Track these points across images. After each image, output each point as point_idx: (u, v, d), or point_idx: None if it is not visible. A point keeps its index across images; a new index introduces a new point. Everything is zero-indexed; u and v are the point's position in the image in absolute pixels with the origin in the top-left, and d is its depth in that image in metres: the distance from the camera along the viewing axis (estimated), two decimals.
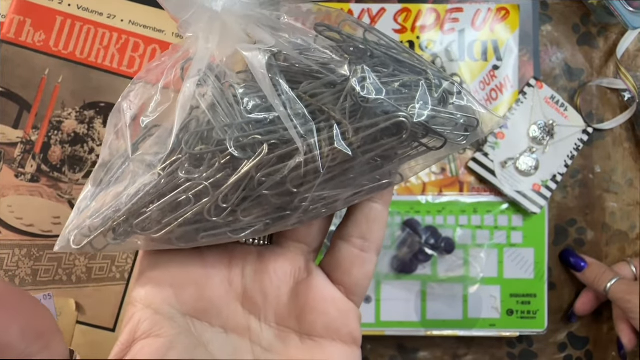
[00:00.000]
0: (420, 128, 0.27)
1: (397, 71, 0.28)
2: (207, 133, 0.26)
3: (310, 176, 0.26)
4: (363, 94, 0.26)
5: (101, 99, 0.51)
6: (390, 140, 0.26)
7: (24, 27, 0.50)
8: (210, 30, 0.28)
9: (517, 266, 0.57)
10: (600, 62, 0.60)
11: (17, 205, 0.49)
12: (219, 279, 0.30)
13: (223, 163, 0.26)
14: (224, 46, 0.27)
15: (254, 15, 0.28)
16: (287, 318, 0.30)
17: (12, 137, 0.50)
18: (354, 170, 0.27)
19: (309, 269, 0.31)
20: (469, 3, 0.58)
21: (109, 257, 0.50)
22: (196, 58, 0.28)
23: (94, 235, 0.27)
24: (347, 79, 0.26)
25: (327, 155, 0.26)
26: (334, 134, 0.26)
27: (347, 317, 0.30)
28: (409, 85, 0.27)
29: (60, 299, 0.49)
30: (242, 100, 0.26)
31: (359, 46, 0.28)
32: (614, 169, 0.60)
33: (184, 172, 0.26)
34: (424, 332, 0.56)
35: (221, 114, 0.26)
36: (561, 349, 0.59)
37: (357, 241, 0.31)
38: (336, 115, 0.26)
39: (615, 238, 0.60)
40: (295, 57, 0.27)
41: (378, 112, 0.26)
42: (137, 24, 0.52)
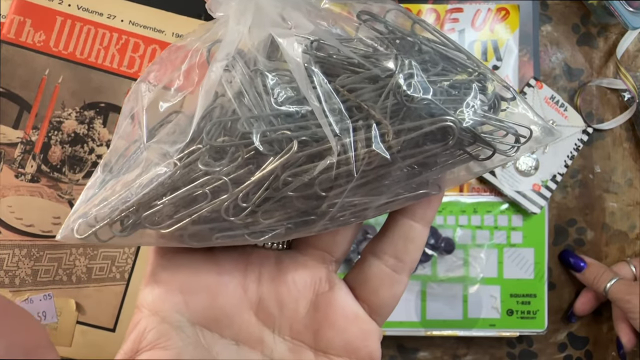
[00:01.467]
0: (468, 135, 0.24)
1: (446, 70, 0.25)
2: (231, 124, 0.24)
3: (341, 179, 0.23)
4: (408, 92, 0.23)
5: (101, 99, 0.51)
6: (434, 146, 0.24)
7: (24, 27, 0.50)
8: (243, 11, 0.25)
9: (517, 266, 0.57)
10: (600, 62, 0.60)
11: (17, 206, 0.49)
12: (233, 285, 0.27)
13: (246, 158, 0.23)
14: (257, 29, 0.25)
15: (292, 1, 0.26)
16: (303, 332, 0.28)
17: (12, 137, 0.50)
18: (389, 177, 0.24)
19: (330, 281, 0.28)
20: (469, 3, 0.58)
21: (109, 257, 0.50)
22: (225, 40, 0.25)
23: (100, 226, 0.24)
24: (392, 74, 0.23)
25: (363, 157, 0.23)
26: (372, 134, 0.23)
27: (368, 338, 0.28)
28: (458, 86, 0.25)
29: (60, 299, 0.49)
30: (272, 91, 0.24)
31: (406, 39, 0.25)
32: (614, 169, 0.60)
33: (203, 164, 0.23)
34: (424, 332, 0.56)
35: (248, 103, 0.24)
36: (561, 349, 0.59)
37: (390, 260, 0.28)
38: (376, 114, 0.23)
39: (615, 238, 0.60)
40: (335, 46, 0.24)
41: (423, 113, 0.23)
42: (137, 24, 0.52)
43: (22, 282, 0.49)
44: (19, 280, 0.49)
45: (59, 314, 0.49)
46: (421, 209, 0.28)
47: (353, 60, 0.24)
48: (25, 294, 0.48)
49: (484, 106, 0.25)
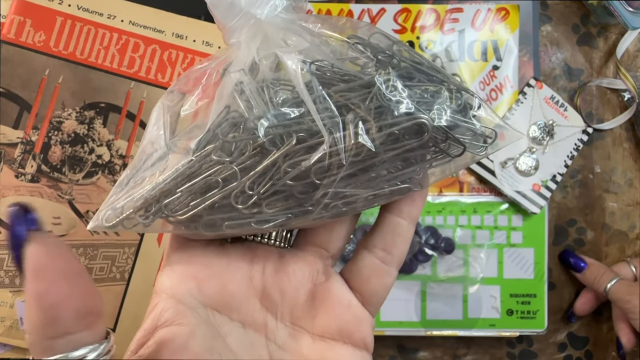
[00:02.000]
0: (440, 132, 0.28)
1: (420, 81, 0.29)
2: (241, 124, 0.28)
3: (333, 169, 0.27)
4: (387, 94, 0.27)
5: (101, 99, 0.51)
6: (411, 141, 0.28)
7: (24, 27, 0.50)
8: (252, 36, 0.30)
9: (517, 266, 0.57)
10: (600, 62, 0.60)
11: None
12: (241, 274, 0.31)
13: (253, 152, 0.27)
14: (264, 50, 0.30)
15: (295, 27, 0.30)
16: (302, 318, 0.31)
17: (12, 137, 0.50)
18: (375, 169, 0.28)
19: (327, 273, 0.32)
20: (469, 3, 0.58)
21: (109, 257, 0.50)
22: (238, 59, 0.30)
23: (126, 214, 0.28)
24: (374, 80, 0.28)
25: (351, 148, 0.27)
26: (358, 129, 0.27)
27: (360, 324, 0.31)
28: (431, 93, 0.29)
29: None
30: (275, 97, 0.28)
31: (386, 56, 0.30)
32: (614, 169, 0.60)
33: (216, 156, 0.28)
34: (424, 332, 0.56)
35: (255, 107, 0.28)
36: (561, 348, 0.59)
37: (379, 252, 0.32)
38: (361, 112, 0.27)
39: (615, 238, 0.60)
40: (328, 59, 0.29)
41: (401, 113, 0.28)
42: (137, 24, 0.52)
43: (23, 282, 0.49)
44: (19, 280, 0.49)
45: None
46: (407, 206, 0.31)
47: (344, 71, 0.29)
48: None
49: (453, 110, 0.29)
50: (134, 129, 0.51)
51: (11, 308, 0.48)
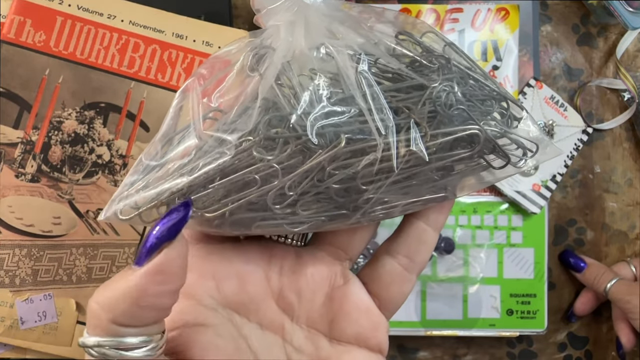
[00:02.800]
0: (489, 144, 0.27)
1: (472, 88, 0.28)
2: (285, 119, 0.26)
3: (381, 175, 0.26)
4: (444, 100, 0.26)
5: (101, 99, 0.51)
6: (462, 151, 0.27)
7: (24, 27, 0.50)
8: (294, 22, 0.28)
9: (516, 266, 0.57)
10: (600, 62, 0.60)
11: (17, 205, 0.49)
12: (259, 274, 0.30)
13: (295, 150, 0.25)
14: (309, 39, 0.27)
15: (340, 14, 0.28)
16: (318, 321, 0.30)
17: (12, 137, 0.50)
18: (420, 177, 0.27)
19: (345, 276, 0.31)
20: (469, 3, 0.58)
21: (109, 257, 0.50)
22: (279, 48, 0.27)
23: (146, 207, 0.26)
24: (432, 85, 0.26)
25: (404, 155, 0.26)
26: (411, 136, 0.26)
27: (377, 329, 0.31)
28: (482, 102, 0.28)
29: (60, 299, 0.49)
30: (322, 91, 0.26)
31: (439, 59, 0.28)
32: (614, 169, 0.60)
33: (257, 152, 0.25)
34: (424, 332, 0.56)
35: (300, 102, 0.26)
36: (561, 348, 0.59)
37: (403, 259, 0.31)
38: (417, 117, 0.26)
39: (615, 238, 0.60)
40: (380, 55, 0.27)
41: (455, 121, 0.26)
42: (137, 24, 0.52)
43: (22, 282, 0.49)
44: (19, 280, 0.49)
45: (59, 314, 0.49)
46: (434, 213, 0.30)
47: (395, 69, 0.27)
48: (26, 294, 0.49)
49: (502, 121, 0.28)
50: (134, 129, 0.51)
51: (11, 308, 0.48)
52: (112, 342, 0.24)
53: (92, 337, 0.24)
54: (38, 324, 0.48)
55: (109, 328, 0.24)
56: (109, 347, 0.24)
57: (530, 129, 0.29)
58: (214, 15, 0.53)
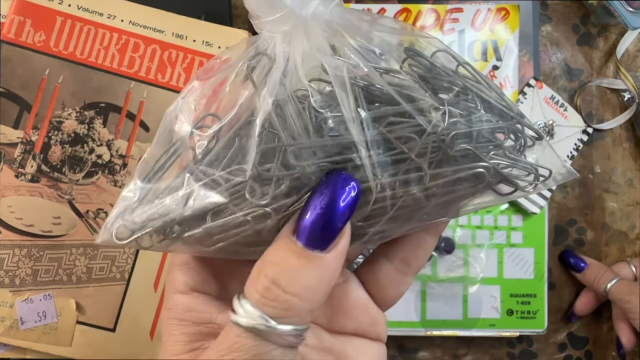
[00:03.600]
0: (497, 177, 0.26)
1: (486, 116, 0.26)
2: (278, 151, 0.25)
3: (376, 211, 0.25)
4: (449, 143, 0.24)
5: (101, 99, 0.51)
6: (464, 186, 0.26)
7: (24, 27, 0.50)
8: (292, 34, 0.26)
9: (517, 266, 0.57)
10: (600, 62, 0.60)
11: (17, 206, 0.49)
12: None
13: (290, 186, 0.24)
14: (305, 55, 0.26)
15: (344, 23, 0.27)
16: (318, 317, 0.31)
17: (12, 137, 0.50)
18: (420, 212, 0.26)
19: (344, 275, 0.32)
20: (469, 3, 0.58)
21: (109, 257, 0.50)
22: (276, 63, 0.26)
23: (141, 234, 0.26)
24: (434, 128, 0.25)
25: (401, 196, 0.25)
26: (410, 177, 0.25)
27: (376, 323, 0.32)
28: (492, 131, 0.26)
29: (60, 299, 0.49)
30: (315, 118, 0.25)
31: (449, 80, 0.27)
32: (614, 169, 0.60)
33: (250, 194, 0.24)
34: (424, 332, 0.56)
35: (293, 130, 0.25)
36: (561, 349, 0.59)
37: (399, 264, 0.31)
38: (416, 159, 0.24)
39: (615, 238, 0.60)
40: (381, 83, 0.26)
41: (459, 158, 0.25)
42: (137, 24, 0.52)
43: (22, 282, 0.49)
44: (19, 280, 0.49)
45: (59, 314, 0.49)
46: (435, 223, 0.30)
47: (401, 107, 0.25)
48: (25, 294, 0.49)
49: (514, 149, 0.27)
50: (134, 129, 0.51)
51: (11, 308, 0.48)
52: (272, 325, 0.24)
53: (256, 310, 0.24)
54: (38, 324, 0.48)
55: (306, 317, 0.25)
56: (267, 326, 0.24)
57: (548, 152, 0.28)
58: (214, 15, 0.53)
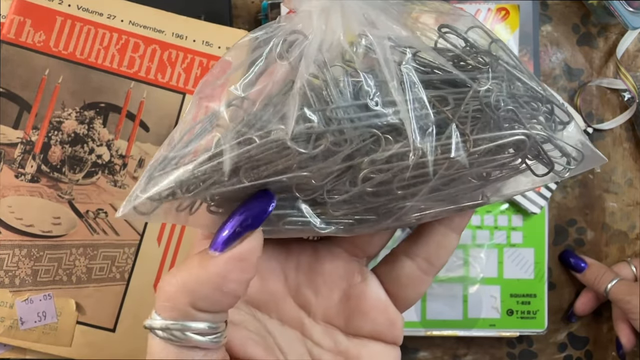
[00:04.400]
0: (534, 150, 0.25)
1: (519, 89, 0.26)
2: (318, 113, 0.24)
3: (417, 180, 0.24)
4: (493, 102, 0.24)
5: (101, 99, 0.51)
6: (506, 155, 0.25)
7: (24, 27, 0.50)
8: (329, 8, 0.25)
9: (517, 266, 0.57)
10: (600, 62, 0.60)
11: (17, 206, 0.49)
12: (277, 272, 0.30)
13: (328, 147, 0.24)
14: (344, 28, 0.25)
15: (380, 2, 0.26)
16: (334, 317, 0.31)
17: (12, 137, 0.50)
18: (457, 183, 0.25)
19: (362, 274, 0.31)
20: (469, 3, 0.58)
21: (109, 257, 0.50)
22: (312, 36, 0.25)
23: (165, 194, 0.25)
24: (479, 85, 0.24)
25: (443, 162, 0.24)
26: (452, 141, 0.24)
27: (394, 326, 0.31)
28: (529, 104, 0.26)
29: (60, 299, 0.49)
30: (358, 87, 0.24)
31: (484, 57, 0.26)
32: (614, 169, 0.60)
33: (292, 144, 0.23)
34: (424, 332, 0.56)
35: (333, 95, 0.24)
36: (561, 349, 0.59)
37: (422, 263, 0.30)
38: (458, 122, 0.24)
39: (615, 238, 0.60)
40: (426, 50, 0.25)
41: (501, 124, 0.24)
42: (137, 24, 0.52)
43: (22, 282, 0.49)
44: (19, 280, 0.49)
45: (59, 314, 0.49)
46: (458, 217, 0.30)
47: (442, 65, 0.25)
48: (25, 294, 0.48)
49: (547, 125, 0.26)
50: (134, 129, 0.51)
51: (11, 308, 0.48)
52: (180, 327, 0.24)
53: (160, 320, 0.24)
54: (38, 324, 0.48)
55: (185, 311, 0.24)
56: (177, 330, 0.24)
57: (575, 136, 0.27)
58: (214, 15, 0.53)
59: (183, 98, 0.51)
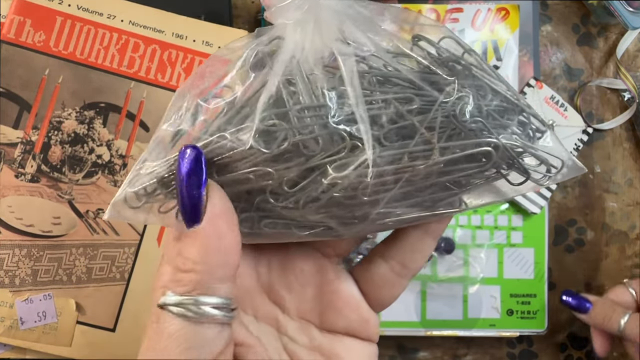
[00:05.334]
0: (505, 158, 0.26)
1: (491, 99, 0.26)
2: (286, 115, 0.25)
3: (382, 188, 0.25)
4: (460, 112, 0.25)
5: (101, 99, 0.51)
6: (472, 165, 0.25)
7: (24, 27, 0.50)
8: (305, 20, 0.27)
9: (517, 266, 0.57)
10: (600, 62, 0.60)
11: (17, 206, 0.49)
12: (249, 271, 0.31)
13: (294, 149, 0.24)
14: (317, 40, 0.26)
15: (353, 12, 0.27)
16: (308, 313, 0.31)
17: (12, 137, 0.50)
18: (431, 190, 0.26)
19: (335, 271, 0.32)
20: (469, 3, 0.58)
21: (109, 257, 0.50)
22: (286, 46, 0.27)
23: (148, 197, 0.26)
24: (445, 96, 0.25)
25: (406, 170, 0.24)
26: (417, 149, 0.24)
27: (367, 324, 0.31)
28: (502, 114, 0.26)
29: (60, 299, 0.49)
30: (327, 94, 0.25)
31: (455, 65, 0.27)
32: (614, 169, 0.60)
33: (255, 142, 0.24)
34: (424, 332, 0.56)
35: (303, 101, 0.25)
36: (561, 349, 0.59)
37: (396, 265, 0.31)
38: (426, 133, 0.24)
39: (615, 238, 0.60)
40: (394, 62, 0.26)
41: (468, 133, 0.25)
42: (137, 24, 0.52)
43: (22, 282, 0.49)
44: (19, 280, 0.49)
45: (59, 314, 0.49)
46: (435, 223, 0.30)
47: (410, 79, 0.25)
48: (25, 294, 0.49)
49: (522, 134, 0.26)
50: (134, 129, 0.51)
51: (11, 308, 0.48)
52: (194, 301, 0.24)
53: (174, 296, 0.24)
54: (38, 324, 0.48)
55: (212, 288, 0.24)
56: (192, 304, 0.24)
57: (552, 145, 0.28)
58: (214, 15, 0.53)
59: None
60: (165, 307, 0.25)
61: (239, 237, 0.25)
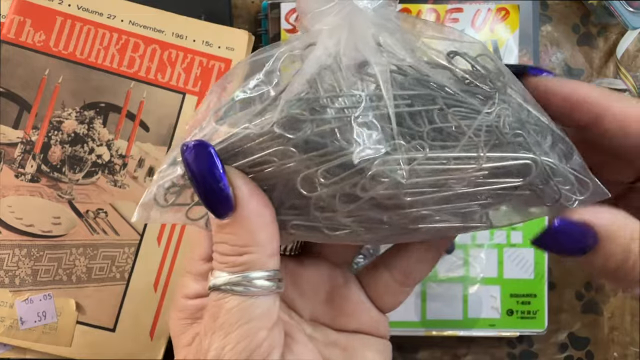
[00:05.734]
0: (542, 177, 0.26)
1: (527, 121, 0.27)
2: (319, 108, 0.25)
3: (427, 189, 0.25)
4: (502, 125, 0.25)
5: (101, 99, 0.51)
6: (511, 179, 0.26)
7: (24, 27, 0.50)
8: (340, 27, 0.26)
9: (517, 266, 0.57)
10: (600, 62, 0.60)
11: (17, 205, 0.49)
12: None
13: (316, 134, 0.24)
14: (351, 47, 0.26)
15: (391, 25, 0.27)
16: (321, 317, 0.32)
17: (12, 137, 0.50)
18: (467, 199, 0.26)
19: (345, 276, 0.33)
20: (469, 3, 0.58)
21: (109, 257, 0.50)
22: (318, 51, 0.26)
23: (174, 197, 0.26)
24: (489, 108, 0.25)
25: (455, 172, 0.25)
26: (461, 158, 0.25)
27: (379, 324, 0.33)
28: (536, 131, 0.26)
29: (60, 299, 0.49)
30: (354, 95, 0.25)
31: (492, 82, 0.27)
32: None
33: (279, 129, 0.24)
34: (424, 332, 0.56)
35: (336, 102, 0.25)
36: (562, 349, 0.59)
37: (399, 275, 0.32)
38: (474, 138, 0.25)
39: None
40: (433, 77, 0.26)
41: (508, 148, 0.25)
42: (137, 24, 0.52)
43: (22, 282, 0.49)
44: (19, 280, 0.49)
45: (59, 314, 0.49)
46: None
47: (450, 92, 0.25)
48: (25, 294, 0.49)
49: (554, 155, 0.27)
50: (134, 129, 0.51)
51: (11, 308, 0.48)
52: (243, 278, 0.25)
53: (225, 276, 0.25)
54: (38, 324, 0.48)
55: (267, 262, 0.25)
56: (244, 281, 0.25)
57: (581, 169, 0.28)
58: (214, 15, 0.53)
59: (183, 98, 0.51)
60: (217, 288, 0.25)
61: (273, 210, 0.26)
